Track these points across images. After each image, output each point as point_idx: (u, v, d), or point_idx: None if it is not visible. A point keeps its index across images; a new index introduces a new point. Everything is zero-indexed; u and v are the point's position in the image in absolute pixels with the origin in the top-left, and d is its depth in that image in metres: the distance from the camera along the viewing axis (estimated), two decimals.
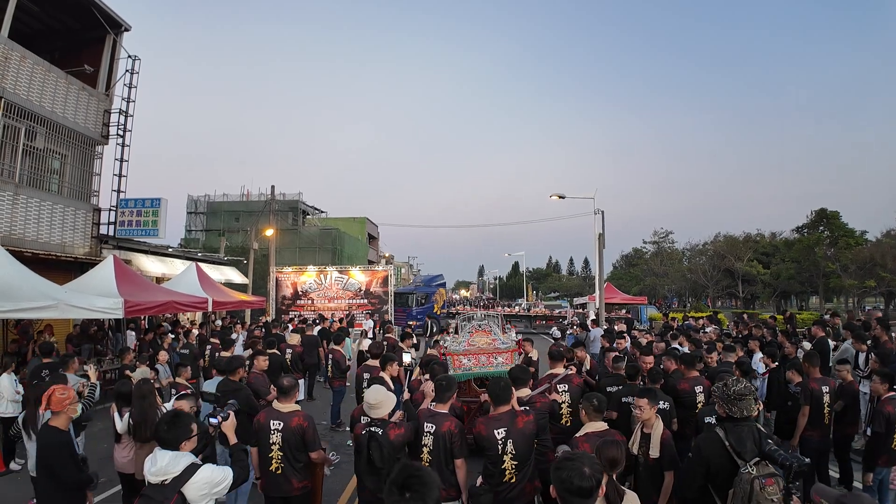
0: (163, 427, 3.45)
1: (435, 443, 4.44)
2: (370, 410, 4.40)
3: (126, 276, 11.88)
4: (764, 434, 3.82)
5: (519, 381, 5.29)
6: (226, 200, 43.70)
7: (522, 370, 5.60)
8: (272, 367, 8.88)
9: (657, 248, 62.80)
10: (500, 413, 4.48)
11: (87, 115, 16.79)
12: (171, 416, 3.57)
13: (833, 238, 39.91)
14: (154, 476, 3.22)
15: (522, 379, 5.39)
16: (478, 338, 7.24)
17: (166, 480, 3.22)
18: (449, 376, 5.04)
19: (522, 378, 5.39)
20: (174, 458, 3.30)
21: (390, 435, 4.28)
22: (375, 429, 4.29)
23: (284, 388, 4.74)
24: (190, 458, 3.38)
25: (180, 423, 3.48)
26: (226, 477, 3.45)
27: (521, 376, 5.39)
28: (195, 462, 3.39)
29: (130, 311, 10.58)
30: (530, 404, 5.10)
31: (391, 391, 6.38)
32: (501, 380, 4.68)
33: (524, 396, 5.22)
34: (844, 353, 9.18)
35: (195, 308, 13.09)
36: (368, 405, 4.40)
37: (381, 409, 4.39)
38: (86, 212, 16.58)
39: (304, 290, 25.40)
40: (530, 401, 5.20)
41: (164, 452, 3.33)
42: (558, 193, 22.82)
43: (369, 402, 4.39)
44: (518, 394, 5.06)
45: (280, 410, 4.68)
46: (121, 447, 5.65)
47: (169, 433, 3.41)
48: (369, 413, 4.42)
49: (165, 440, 3.39)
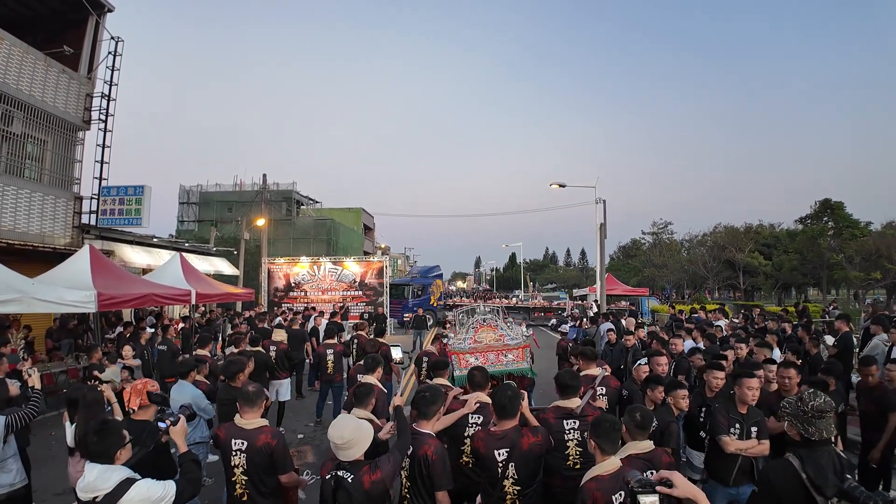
0: (91, 438, 3.04)
1: (412, 468, 3.72)
2: (338, 452, 3.26)
3: (103, 267, 11.17)
4: (846, 463, 3.11)
5: (568, 389, 4.41)
6: (218, 190, 43.05)
7: (572, 376, 4.60)
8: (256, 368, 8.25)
9: (656, 239, 62.19)
10: (505, 430, 3.77)
11: (67, 99, 16.09)
12: (97, 426, 3.11)
13: (837, 229, 39.41)
14: (83, 493, 2.93)
15: (572, 387, 4.43)
16: (483, 333, 6.56)
17: (97, 498, 2.90)
18: (433, 387, 4.24)
19: (572, 386, 4.44)
20: (104, 473, 2.96)
21: (364, 482, 3.19)
22: (344, 473, 3.21)
23: (249, 396, 3.98)
24: (123, 473, 3.02)
25: (109, 431, 3.07)
26: (167, 493, 3.07)
27: (570, 383, 4.45)
28: (130, 477, 3.02)
29: (105, 305, 9.91)
30: (582, 418, 4.24)
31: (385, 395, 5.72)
32: (509, 388, 3.94)
33: (574, 408, 4.29)
34: (875, 349, 8.47)
35: (177, 301, 12.39)
36: (335, 445, 3.25)
37: (351, 450, 3.25)
38: (66, 200, 15.91)
39: (296, 281, 24.77)
40: (582, 414, 4.28)
41: (92, 466, 3.00)
42: (559, 182, 22.20)
43: (335, 443, 3.23)
44: (567, 404, 4.30)
45: (242, 427, 3.92)
46: (74, 461, 4.98)
47: (98, 445, 3.01)
48: (337, 454, 3.28)
49: (95, 453, 3.02)
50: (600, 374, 5.60)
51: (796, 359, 7.68)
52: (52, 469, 6.93)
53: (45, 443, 8.39)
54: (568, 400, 4.34)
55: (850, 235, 37.60)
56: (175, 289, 12.21)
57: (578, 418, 4.23)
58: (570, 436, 4.17)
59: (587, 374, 5.67)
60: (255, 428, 3.92)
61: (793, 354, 7.83)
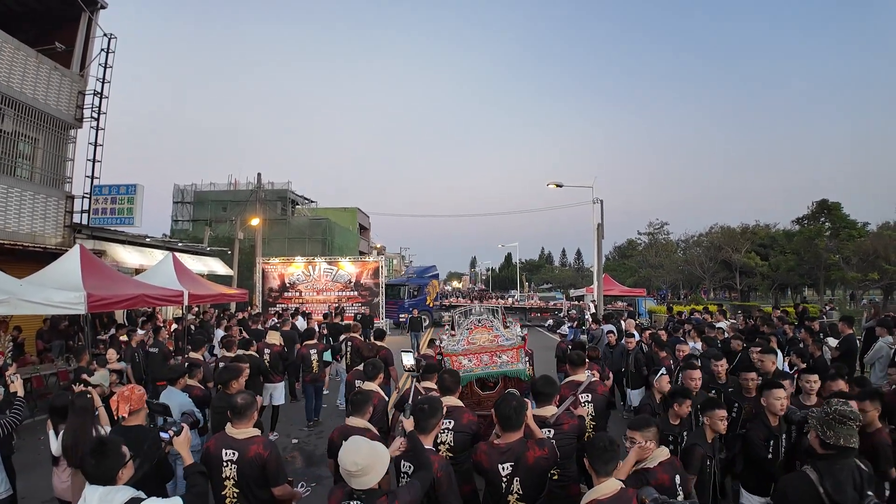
0: (89, 461, 2.83)
1: None
2: (350, 479, 2.79)
3: (93, 267, 10.96)
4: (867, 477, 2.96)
5: (542, 396, 4.28)
6: (213, 190, 42.68)
7: (547, 382, 4.40)
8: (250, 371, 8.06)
9: (652, 240, 62.09)
10: (509, 443, 3.55)
11: (59, 97, 15.89)
12: (96, 446, 2.90)
13: (835, 229, 39.33)
14: None
15: (547, 394, 4.29)
16: (478, 334, 6.37)
17: None
18: (431, 398, 3.88)
19: (547, 393, 4.29)
20: (107, 495, 2.78)
21: None
22: None
23: (238, 406, 3.76)
24: (127, 493, 2.83)
25: (108, 451, 2.86)
26: None
27: (544, 391, 4.29)
28: (135, 497, 2.82)
29: (95, 306, 9.70)
30: (556, 427, 4.12)
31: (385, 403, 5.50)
32: (513, 398, 3.67)
33: (549, 416, 4.16)
34: (880, 351, 8.32)
35: (169, 302, 12.17)
36: (347, 473, 2.78)
37: (367, 476, 2.79)
38: (58, 199, 15.71)
39: (291, 281, 24.52)
40: (557, 422, 4.15)
41: (94, 489, 2.81)
42: (556, 182, 22.08)
43: (348, 469, 2.76)
44: (541, 412, 4.15)
45: (234, 437, 3.72)
46: (59, 470, 4.78)
47: (98, 467, 2.81)
48: (349, 482, 2.82)
49: (94, 475, 2.82)
50: (586, 380, 5.37)
51: (801, 362, 7.55)
52: (41, 476, 6.71)
53: (34, 448, 8.17)
54: (542, 408, 4.22)
55: (848, 236, 37.49)
56: (167, 289, 12.00)
57: (553, 426, 4.10)
58: None
59: (572, 380, 5.49)
60: (246, 438, 3.72)
61: (797, 357, 7.69)
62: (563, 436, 4.10)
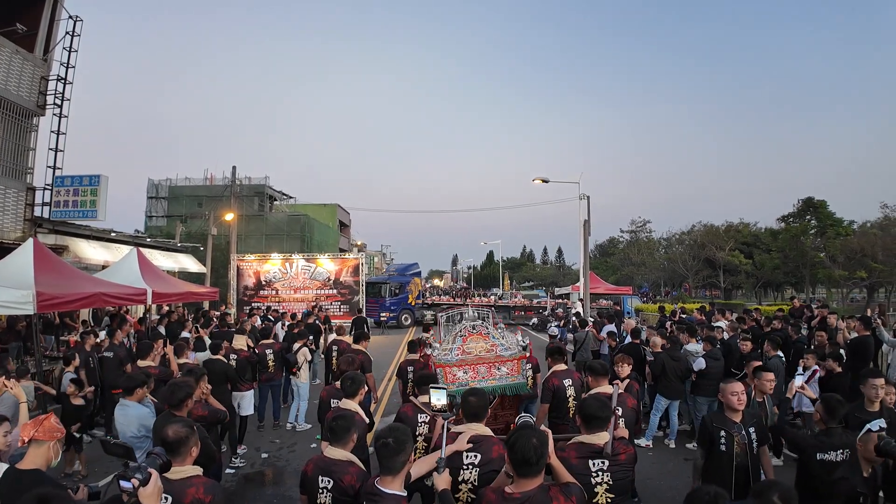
0: None
1: None
2: None
3: (47, 263, 10.03)
4: None
5: (595, 421, 3.32)
6: (188, 185, 41.56)
7: (602, 404, 3.41)
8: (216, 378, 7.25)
9: (634, 238, 61.98)
10: (525, 492, 2.60)
11: (20, 82, 14.93)
12: None
13: (820, 227, 39.23)
14: None
15: (602, 418, 3.32)
16: (473, 343, 5.62)
17: None
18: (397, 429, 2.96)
19: (602, 417, 3.33)
20: None
21: None
22: None
23: (169, 441, 2.91)
24: None
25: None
26: None
27: (599, 414, 3.33)
28: None
29: (45, 306, 8.80)
30: (613, 458, 3.26)
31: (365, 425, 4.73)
32: (533, 433, 2.68)
33: (605, 446, 3.25)
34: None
35: (130, 301, 11.24)
36: None
37: None
38: (17, 191, 14.76)
39: (267, 279, 23.74)
40: (614, 452, 3.27)
41: None
42: (542, 177, 21.48)
43: None
44: (593, 440, 3.28)
45: (167, 477, 2.78)
46: None
47: None
48: None
49: None
50: (615, 392, 4.42)
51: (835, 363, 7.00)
52: None
53: None
54: (594, 434, 3.31)
55: (834, 234, 37.41)
56: (129, 287, 11.08)
57: (609, 458, 3.26)
58: (596, 478, 3.23)
59: (601, 392, 4.64)
60: (183, 479, 2.86)
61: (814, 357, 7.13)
62: (619, 468, 3.27)
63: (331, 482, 3.17)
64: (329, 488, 3.17)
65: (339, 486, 3.14)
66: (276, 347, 9.68)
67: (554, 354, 6.03)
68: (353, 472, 3.19)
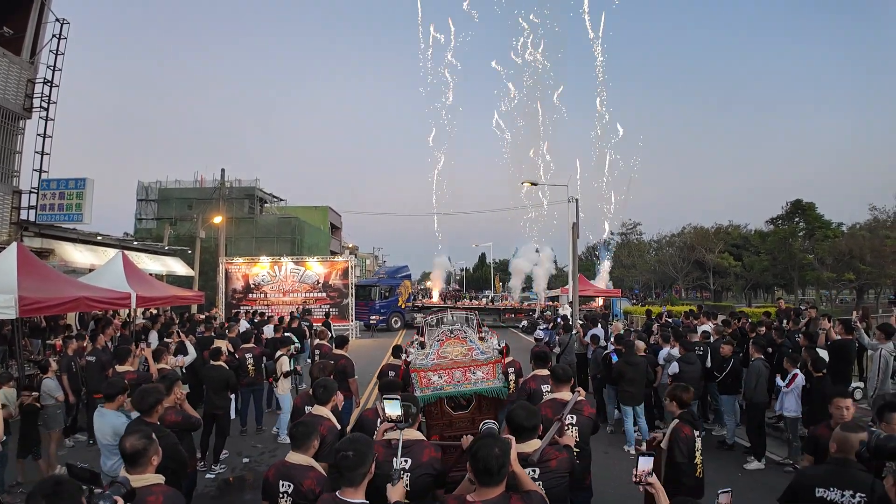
0: None
1: None
2: None
3: (31, 267, 10.03)
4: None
5: (523, 431, 3.35)
6: (178, 187, 41.33)
7: (529, 413, 3.45)
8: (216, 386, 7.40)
9: (624, 240, 62.13)
10: (487, 500, 2.61)
11: (6, 85, 14.99)
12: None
13: (809, 230, 39.51)
14: None
15: (528, 428, 3.37)
16: (450, 347, 5.58)
17: None
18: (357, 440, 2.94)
19: (528, 427, 3.38)
20: None
21: None
22: None
23: (127, 454, 2.90)
24: None
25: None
26: None
27: (525, 424, 3.37)
28: None
29: (28, 311, 8.84)
30: (542, 464, 3.31)
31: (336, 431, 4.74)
32: (495, 442, 2.72)
33: (532, 454, 3.27)
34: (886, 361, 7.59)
35: (114, 305, 11.23)
36: None
37: None
38: (3, 194, 14.81)
39: (256, 282, 23.72)
40: (542, 459, 3.31)
41: None
42: (531, 180, 21.62)
43: None
44: (522, 448, 3.25)
45: None
46: None
47: None
48: None
49: None
50: (572, 400, 4.47)
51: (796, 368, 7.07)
52: None
53: None
54: (522, 443, 3.31)
55: (823, 236, 37.76)
56: (113, 291, 11.08)
57: (538, 465, 3.29)
58: None
59: (556, 399, 4.63)
60: (142, 487, 2.80)
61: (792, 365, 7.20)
62: (551, 475, 3.32)
63: (291, 486, 3.21)
64: (289, 493, 3.21)
65: (299, 490, 3.18)
66: (255, 352, 9.72)
67: (537, 360, 6.21)
68: (313, 476, 3.23)
